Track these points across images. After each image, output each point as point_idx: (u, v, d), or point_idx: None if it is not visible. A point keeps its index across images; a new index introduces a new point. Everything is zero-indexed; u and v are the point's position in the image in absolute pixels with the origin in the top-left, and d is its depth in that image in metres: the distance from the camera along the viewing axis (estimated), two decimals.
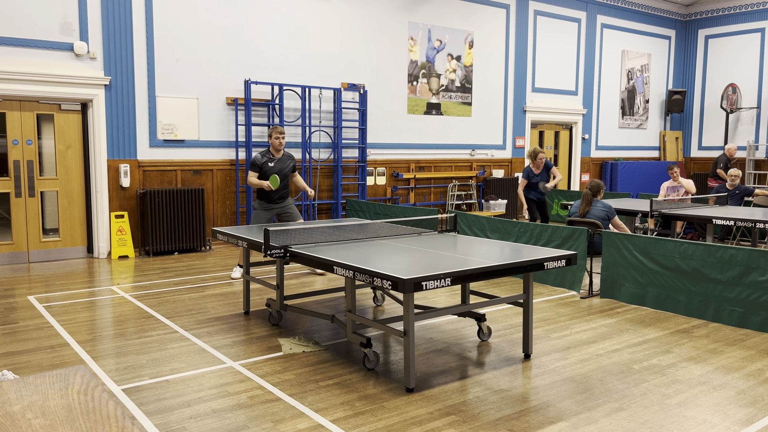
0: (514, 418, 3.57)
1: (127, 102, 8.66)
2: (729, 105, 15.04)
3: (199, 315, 5.74)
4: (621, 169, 14.56)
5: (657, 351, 4.76)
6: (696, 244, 5.68)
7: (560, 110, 13.92)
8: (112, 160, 8.61)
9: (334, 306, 6.07)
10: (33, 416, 1.49)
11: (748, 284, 5.31)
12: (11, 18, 7.80)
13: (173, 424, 3.48)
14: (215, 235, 5.66)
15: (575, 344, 4.92)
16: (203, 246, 9.24)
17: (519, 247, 4.71)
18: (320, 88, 10.14)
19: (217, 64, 9.36)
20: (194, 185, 9.29)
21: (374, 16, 10.94)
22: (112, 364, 4.44)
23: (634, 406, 3.73)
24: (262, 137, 9.84)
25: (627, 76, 15.30)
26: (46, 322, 5.49)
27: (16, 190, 8.16)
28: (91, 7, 8.29)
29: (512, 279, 7.32)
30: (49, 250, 8.45)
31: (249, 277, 5.74)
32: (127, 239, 8.66)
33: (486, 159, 12.76)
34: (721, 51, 15.54)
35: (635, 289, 6.14)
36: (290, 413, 3.62)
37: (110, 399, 1.59)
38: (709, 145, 15.92)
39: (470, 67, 12.37)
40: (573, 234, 6.75)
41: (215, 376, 4.21)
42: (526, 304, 4.53)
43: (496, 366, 4.42)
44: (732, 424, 3.49)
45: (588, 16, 14.22)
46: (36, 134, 8.25)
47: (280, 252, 4.58)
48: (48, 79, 8.00)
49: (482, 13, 12.43)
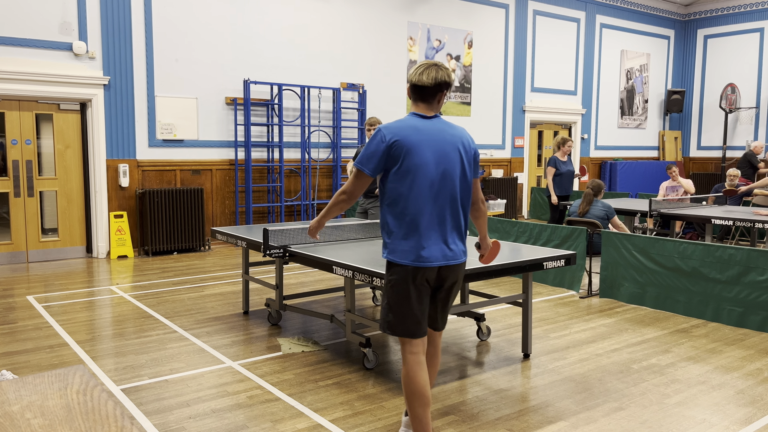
0: (513, 417, 3.57)
1: (126, 102, 8.65)
2: (728, 105, 15.05)
3: (199, 315, 5.74)
4: (620, 169, 14.57)
5: (656, 351, 4.76)
6: (695, 243, 5.69)
7: (559, 110, 13.93)
8: (111, 160, 8.61)
9: (334, 306, 6.07)
10: (32, 416, 1.49)
11: (747, 284, 5.32)
12: (10, 17, 7.79)
13: (172, 423, 3.48)
14: (214, 235, 5.65)
15: (574, 344, 4.92)
16: (202, 246, 9.24)
17: (518, 247, 4.72)
18: (319, 87, 10.14)
19: (217, 63, 9.36)
20: (193, 185, 9.29)
21: (373, 16, 10.94)
22: (111, 364, 4.43)
23: (633, 406, 3.73)
24: (262, 137, 9.84)
25: (626, 76, 15.31)
26: (45, 321, 5.49)
27: (15, 190, 8.15)
28: (90, 7, 8.29)
29: (511, 279, 7.32)
30: (48, 250, 8.44)
31: (248, 277, 5.74)
32: (126, 239, 8.66)
33: (485, 159, 12.77)
34: (720, 51, 15.55)
35: (634, 289, 6.14)
36: (289, 413, 3.62)
37: (109, 399, 1.59)
38: (708, 144, 15.93)
39: (469, 67, 12.37)
40: (572, 234, 6.75)
41: (214, 375, 4.21)
42: (525, 304, 4.53)
43: (495, 366, 4.42)
44: (731, 424, 3.50)
45: (587, 16, 14.22)
46: (35, 134, 8.24)
47: (279, 252, 4.58)
48: (47, 78, 7.99)
49: (481, 12, 12.43)
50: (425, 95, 2.98)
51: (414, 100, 3.03)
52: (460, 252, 3.00)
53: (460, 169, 2.98)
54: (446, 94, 3.02)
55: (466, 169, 3.00)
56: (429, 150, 2.92)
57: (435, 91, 2.97)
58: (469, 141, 3.06)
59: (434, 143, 2.94)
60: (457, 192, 2.97)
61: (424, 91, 2.97)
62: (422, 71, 2.96)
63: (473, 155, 3.05)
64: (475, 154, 3.06)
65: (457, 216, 2.98)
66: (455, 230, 2.99)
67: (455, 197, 2.97)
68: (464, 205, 3.02)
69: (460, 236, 3.02)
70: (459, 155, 2.98)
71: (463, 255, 3.02)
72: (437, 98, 3.00)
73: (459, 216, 3.00)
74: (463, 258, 3.01)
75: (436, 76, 2.94)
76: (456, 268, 3.00)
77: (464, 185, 3.01)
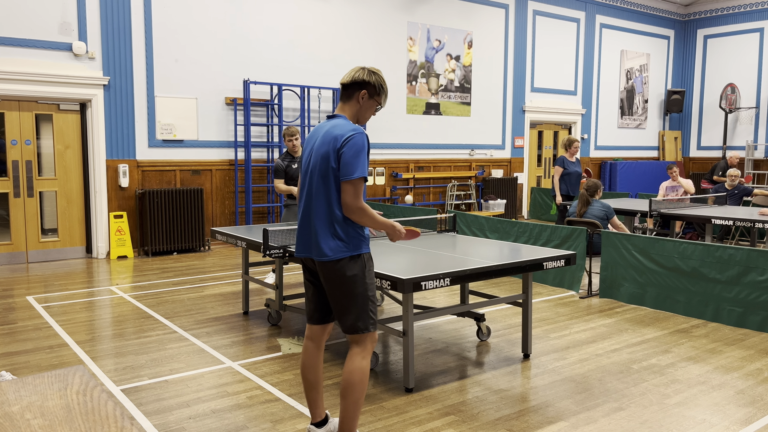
0: (513, 418, 3.57)
1: (126, 102, 8.65)
2: (728, 105, 15.05)
3: (198, 315, 5.74)
4: (620, 169, 14.57)
5: (656, 351, 4.76)
6: (695, 243, 5.69)
7: (559, 110, 13.93)
8: (111, 160, 8.61)
9: None
10: (32, 416, 1.49)
11: (747, 284, 5.32)
12: (10, 18, 7.79)
13: (172, 424, 3.47)
14: (214, 235, 5.65)
15: (574, 344, 4.92)
16: (202, 246, 9.24)
17: (518, 247, 4.72)
18: (319, 88, 10.14)
19: (216, 64, 9.35)
20: (193, 185, 9.29)
21: (373, 16, 10.94)
22: (111, 364, 4.43)
23: (633, 406, 3.73)
24: (261, 137, 9.84)
25: (626, 76, 15.31)
26: (45, 322, 5.49)
27: (14, 191, 8.15)
28: (89, 7, 8.28)
29: (511, 279, 7.32)
30: (48, 251, 8.44)
31: (248, 277, 5.74)
32: (126, 239, 8.65)
33: (485, 159, 12.77)
34: (719, 51, 15.55)
35: (634, 289, 6.14)
36: (289, 413, 3.62)
37: (109, 399, 1.59)
38: (708, 144, 15.94)
39: (469, 67, 12.37)
40: (572, 234, 6.75)
41: (214, 376, 4.20)
42: (525, 304, 4.53)
43: (495, 366, 4.42)
44: (731, 424, 3.50)
45: (587, 16, 14.23)
46: (35, 134, 8.24)
47: (279, 252, 4.58)
48: (47, 79, 7.99)
49: (481, 13, 12.43)
50: (342, 94, 3.16)
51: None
52: (327, 249, 2.98)
53: (321, 168, 2.99)
54: (364, 95, 3.09)
55: (329, 169, 2.97)
56: (308, 149, 3.14)
57: (348, 90, 3.11)
58: (340, 139, 2.96)
59: (312, 141, 3.13)
60: (314, 190, 3.03)
61: (342, 89, 3.15)
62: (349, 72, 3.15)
63: (338, 155, 2.95)
64: (340, 154, 2.94)
65: (320, 214, 3.00)
66: (321, 228, 3.00)
67: (312, 195, 3.04)
68: (329, 203, 2.98)
69: (326, 234, 2.99)
70: (326, 154, 2.97)
71: (330, 253, 2.98)
72: (352, 97, 3.11)
73: (323, 214, 3.00)
74: (328, 256, 2.98)
75: (353, 74, 3.10)
76: (322, 265, 3.02)
77: (326, 183, 2.98)
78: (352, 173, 2.90)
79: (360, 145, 2.93)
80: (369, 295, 3.05)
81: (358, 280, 3.01)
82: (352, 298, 3.01)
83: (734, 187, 9.35)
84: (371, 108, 3.15)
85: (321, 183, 2.99)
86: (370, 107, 3.14)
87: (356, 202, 2.93)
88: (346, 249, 2.99)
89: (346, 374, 3.01)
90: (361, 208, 2.95)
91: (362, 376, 3.01)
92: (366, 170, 2.96)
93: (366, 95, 3.09)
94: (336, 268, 2.99)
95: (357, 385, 2.99)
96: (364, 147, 2.94)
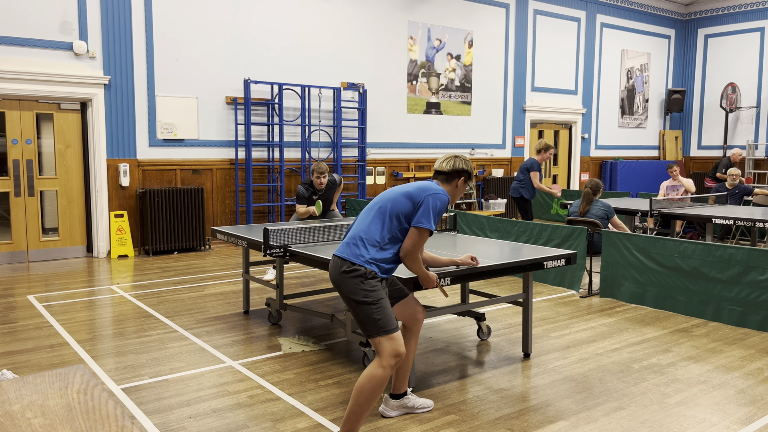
0: (513, 417, 3.57)
1: (127, 101, 8.66)
2: (728, 104, 15.04)
3: (199, 314, 5.74)
4: (620, 169, 14.57)
5: (656, 350, 4.76)
6: (695, 243, 5.69)
7: (560, 109, 13.93)
8: (112, 160, 8.61)
9: (334, 305, 6.07)
10: (32, 416, 1.50)
11: (747, 283, 5.32)
12: (10, 17, 7.79)
13: (173, 423, 3.48)
14: (215, 234, 5.66)
15: (575, 343, 4.92)
16: (203, 245, 9.24)
17: (518, 247, 4.72)
18: (320, 87, 10.14)
19: (217, 63, 9.36)
20: (194, 185, 9.29)
21: (374, 16, 10.94)
22: (111, 363, 4.44)
23: (634, 406, 3.73)
24: (262, 136, 9.84)
25: (626, 76, 15.30)
26: (46, 321, 5.49)
27: (15, 190, 8.15)
28: (90, 7, 8.28)
29: (512, 278, 7.32)
30: (49, 250, 8.45)
31: (248, 277, 5.74)
32: (126, 238, 8.66)
33: (485, 158, 12.77)
34: (720, 50, 15.54)
35: (635, 289, 6.14)
36: (290, 412, 3.62)
37: (110, 398, 1.59)
38: (709, 144, 15.93)
39: (470, 67, 12.37)
40: (572, 233, 6.75)
41: (215, 375, 4.21)
42: (526, 304, 4.53)
43: (495, 365, 4.42)
44: (731, 423, 3.50)
45: (588, 16, 14.22)
46: (35, 134, 8.24)
47: (279, 251, 4.58)
48: (47, 78, 7.99)
49: (482, 12, 12.43)
50: (438, 176, 3.46)
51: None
52: (347, 252, 3.24)
53: (398, 203, 3.23)
54: (462, 181, 3.44)
55: (404, 207, 3.22)
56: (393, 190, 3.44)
57: (447, 176, 3.43)
58: (430, 190, 3.22)
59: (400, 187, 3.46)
60: (374, 215, 3.28)
61: (438, 173, 3.48)
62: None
63: (421, 200, 3.20)
64: (423, 200, 3.18)
65: (370, 232, 3.27)
66: (359, 239, 3.26)
67: (371, 218, 3.29)
68: (382, 230, 3.23)
69: (359, 243, 3.23)
70: (411, 194, 3.24)
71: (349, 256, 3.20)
72: (450, 182, 3.41)
73: (371, 233, 3.26)
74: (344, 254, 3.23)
75: (454, 164, 3.40)
76: (333, 262, 3.28)
77: (393, 218, 3.23)
78: (425, 222, 3.11)
79: (442, 204, 3.19)
80: (370, 302, 3.10)
81: (358, 290, 3.10)
82: (355, 305, 3.13)
83: (735, 187, 9.35)
84: (464, 190, 3.47)
85: (388, 214, 3.18)
86: (463, 189, 3.46)
87: (415, 250, 3.16)
88: (362, 261, 3.13)
89: (360, 378, 3.11)
90: (417, 258, 3.20)
91: (372, 383, 3.06)
92: (434, 228, 3.18)
93: (463, 181, 3.42)
94: (343, 268, 3.15)
95: (366, 391, 3.06)
96: (444, 208, 3.20)
